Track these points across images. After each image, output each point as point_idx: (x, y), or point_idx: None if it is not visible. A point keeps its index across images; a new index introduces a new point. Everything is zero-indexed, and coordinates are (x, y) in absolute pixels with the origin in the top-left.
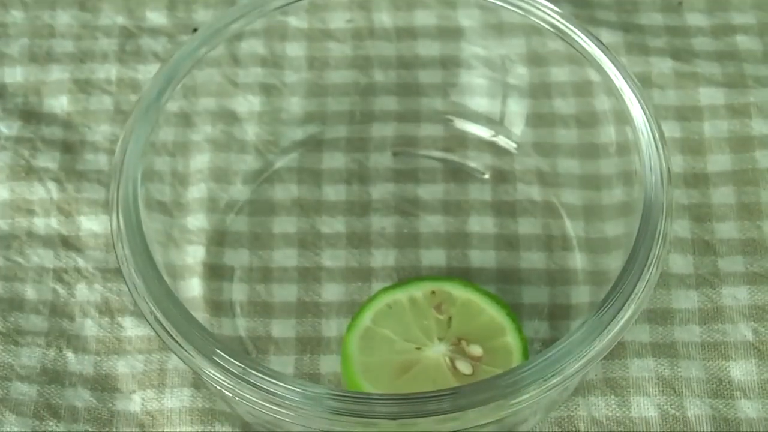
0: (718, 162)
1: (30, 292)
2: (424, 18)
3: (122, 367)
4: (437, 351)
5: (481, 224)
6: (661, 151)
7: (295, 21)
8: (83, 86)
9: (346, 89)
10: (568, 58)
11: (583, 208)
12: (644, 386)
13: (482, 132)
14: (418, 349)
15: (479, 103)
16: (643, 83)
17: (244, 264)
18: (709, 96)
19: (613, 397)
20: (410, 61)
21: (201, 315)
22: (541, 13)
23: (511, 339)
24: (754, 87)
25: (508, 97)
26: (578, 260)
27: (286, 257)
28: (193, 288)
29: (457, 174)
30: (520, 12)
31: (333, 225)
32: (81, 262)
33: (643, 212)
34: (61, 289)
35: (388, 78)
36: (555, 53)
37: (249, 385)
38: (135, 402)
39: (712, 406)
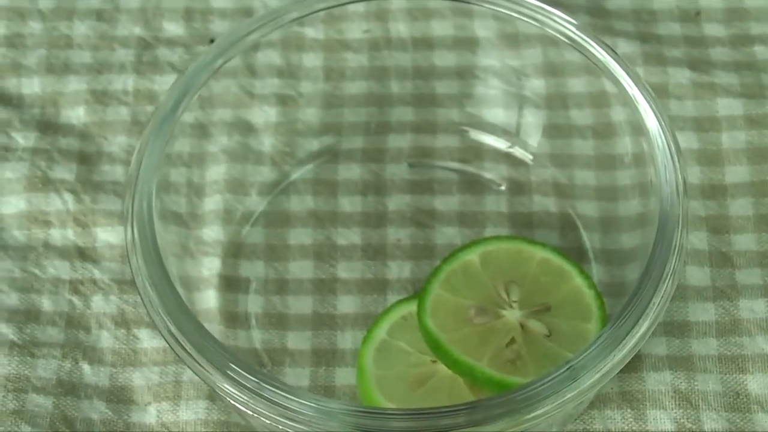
0: (736, 173)
1: (46, 304)
2: (440, 28)
3: (138, 379)
4: None
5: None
6: (676, 163)
7: (312, 32)
8: (100, 97)
9: (363, 100)
10: (583, 69)
11: (599, 219)
12: (661, 400)
13: (498, 143)
14: (434, 361)
15: (495, 114)
16: (661, 94)
17: (259, 276)
18: (726, 107)
19: (629, 410)
20: (426, 72)
21: (216, 327)
22: (556, 25)
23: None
24: None
25: (524, 109)
26: (594, 272)
27: (301, 269)
28: (209, 300)
29: (473, 185)
30: (536, 23)
31: (349, 236)
32: (97, 274)
33: (659, 224)
34: (77, 301)
35: (404, 89)
36: (571, 64)
37: (263, 400)
38: (150, 414)
39: (729, 420)
